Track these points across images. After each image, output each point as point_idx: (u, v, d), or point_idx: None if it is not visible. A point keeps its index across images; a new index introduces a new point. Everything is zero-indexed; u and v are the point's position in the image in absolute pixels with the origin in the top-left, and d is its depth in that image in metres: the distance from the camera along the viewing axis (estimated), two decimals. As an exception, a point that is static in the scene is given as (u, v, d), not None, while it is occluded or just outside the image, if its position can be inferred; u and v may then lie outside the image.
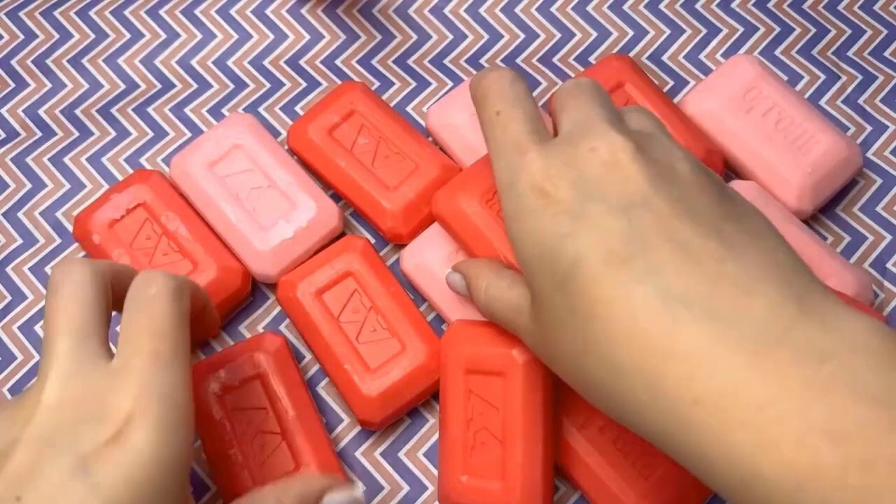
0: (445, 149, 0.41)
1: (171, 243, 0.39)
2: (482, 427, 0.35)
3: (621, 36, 0.45)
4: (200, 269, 0.38)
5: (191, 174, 0.40)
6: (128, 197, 0.40)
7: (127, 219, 0.39)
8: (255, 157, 0.40)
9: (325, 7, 0.46)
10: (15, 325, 0.40)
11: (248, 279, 0.39)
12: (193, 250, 0.39)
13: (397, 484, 0.37)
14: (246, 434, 0.36)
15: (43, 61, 0.45)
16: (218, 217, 0.40)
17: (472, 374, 0.35)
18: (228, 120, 0.41)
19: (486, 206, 0.36)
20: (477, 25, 0.46)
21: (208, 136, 0.41)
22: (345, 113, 0.41)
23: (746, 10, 0.46)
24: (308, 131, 0.41)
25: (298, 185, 0.40)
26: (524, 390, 0.34)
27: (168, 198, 0.40)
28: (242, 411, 0.36)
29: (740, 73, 0.41)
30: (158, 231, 0.39)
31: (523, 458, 0.34)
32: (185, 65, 0.45)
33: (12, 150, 0.43)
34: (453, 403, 0.35)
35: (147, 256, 0.39)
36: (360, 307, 0.38)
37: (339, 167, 0.40)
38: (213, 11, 0.46)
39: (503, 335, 0.34)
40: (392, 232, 0.40)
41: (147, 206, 0.40)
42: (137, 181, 0.40)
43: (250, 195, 0.40)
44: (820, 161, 0.40)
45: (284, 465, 0.35)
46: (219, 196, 0.40)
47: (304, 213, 0.39)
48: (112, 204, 0.40)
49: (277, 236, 0.39)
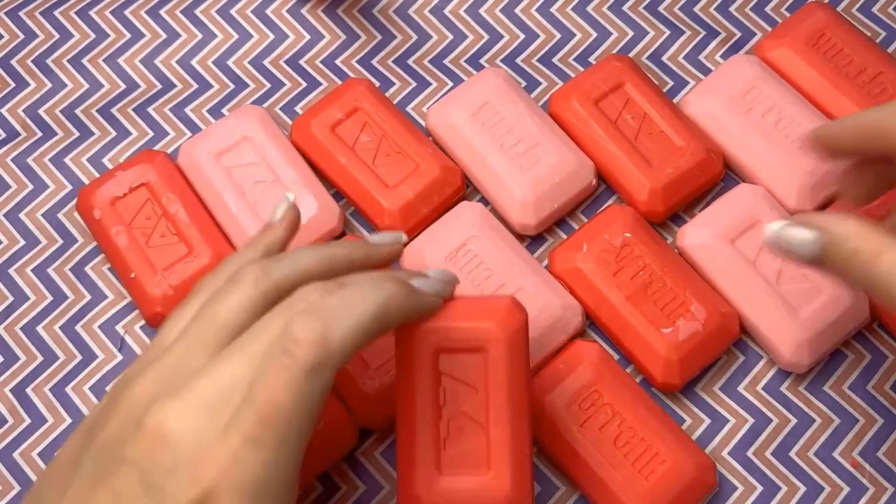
0: (445, 149, 0.42)
1: (169, 225, 0.39)
2: (458, 412, 0.31)
3: (621, 36, 0.45)
4: (195, 255, 0.39)
5: (198, 162, 0.40)
6: (132, 175, 0.40)
7: (129, 197, 0.40)
8: (262, 150, 0.40)
9: (325, 7, 0.46)
10: (17, 326, 0.40)
11: None
12: (190, 235, 0.39)
13: (398, 484, 0.38)
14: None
15: (43, 61, 0.45)
16: (219, 207, 0.40)
17: (442, 354, 0.31)
18: (240, 111, 0.41)
19: None
20: (477, 25, 0.46)
21: (219, 125, 0.41)
22: (349, 110, 0.41)
23: (744, 13, 0.46)
24: (311, 127, 0.41)
25: (303, 182, 0.40)
26: (509, 366, 0.31)
27: (171, 180, 0.40)
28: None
29: (740, 74, 0.42)
30: (158, 212, 0.40)
31: (512, 442, 0.31)
32: (185, 65, 0.45)
33: (13, 150, 0.43)
34: (420, 390, 0.31)
35: (144, 236, 0.39)
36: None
37: (340, 163, 0.40)
38: (213, 11, 0.46)
39: (475, 306, 0.32)
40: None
41: (150, 187, 0.40)
42: (143, 161, 0.40)
43: (254, 188, 0.40)
44: (819, 161, 0.40)
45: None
46: (223, 186, 0.40)
47: (305, 211, 0.39)
48: (116, 181, 0.40)
49: None
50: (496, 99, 0.41)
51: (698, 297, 0.38)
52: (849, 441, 0.38)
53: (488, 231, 0.39)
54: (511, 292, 0.38)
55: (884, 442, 0.38)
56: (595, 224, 0.39)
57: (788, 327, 0.37)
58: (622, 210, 0.40)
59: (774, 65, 0.43)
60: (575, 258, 0.39)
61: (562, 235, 0.41)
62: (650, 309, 0.37)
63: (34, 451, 0.38)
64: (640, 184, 0.40)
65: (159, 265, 0.39)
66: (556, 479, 0.37)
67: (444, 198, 0.40)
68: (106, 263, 0.41)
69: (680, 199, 0.40)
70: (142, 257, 0.39)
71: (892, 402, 0.39)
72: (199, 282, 0.31)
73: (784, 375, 0.39)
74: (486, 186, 0.40)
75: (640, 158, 0.40)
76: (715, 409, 0.38)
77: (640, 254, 0.38)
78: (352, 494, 0.37)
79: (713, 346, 0.37)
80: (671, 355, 0.37)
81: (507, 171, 0.40)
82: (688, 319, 0.37)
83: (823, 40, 0.42)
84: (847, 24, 0.43)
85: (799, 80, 0.42)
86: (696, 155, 0.40)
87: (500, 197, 0.40)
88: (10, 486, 0.37)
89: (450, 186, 0.40)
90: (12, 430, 0.38)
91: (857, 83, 0.41)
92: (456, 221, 0.39)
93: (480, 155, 0.40)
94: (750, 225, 0.39)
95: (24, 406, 0.39)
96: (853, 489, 0.37)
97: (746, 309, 0.38)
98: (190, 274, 0.38)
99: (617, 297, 0.38)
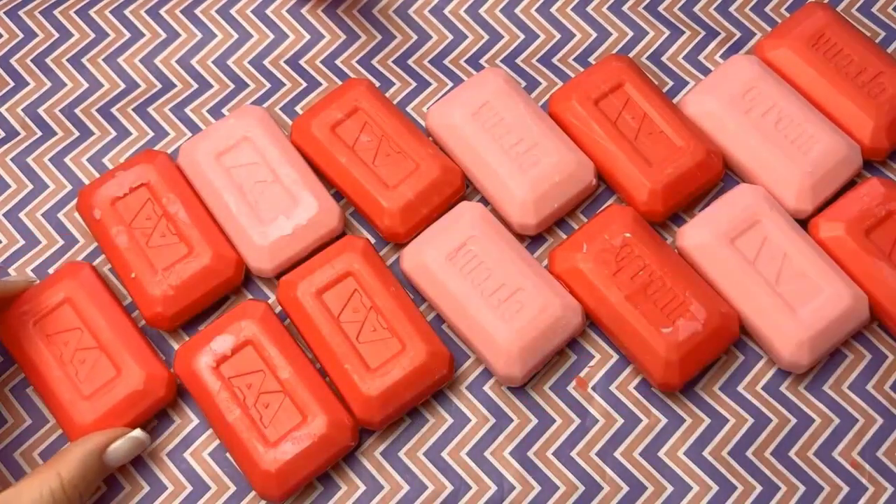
0: (445, 149, 0.42)
1: (169, 225, 0.39)
2: (372, 329, 0.37)
3: (621, 36, 0.45)
4: (195, 255, 0.39)
5: (198, 162, 0.40)
6: (132, 175, 0.40)
7: (129, 197, 0.40)
8: (262, 150, 0.40)
9: (325, 7, 0.46)
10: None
11: (241, 269, 0.40)
12: (190, 235, 0.39)
13: (397, 484, 0.38)
14: (248, 398, 0.37)
15: (43, 60, 0.45)
16: (220, 206, 0.40)
17: (325, 293, 0.38)
18: (240, 111, 0.41)
19: None
20: (477, 25, 0.46)
21: (219, 125, 0.41)
22: (349, 110, 0.41)
23: (744, 13, 0.46)
24: (311, 127, 0.41)
25: (303, 182, 0.40)
26: (373, 267, 0.38)
27: (172, 180, 0.40)
28: (240, 378, 0.37)
29: (740, 74, 0.42)
30: (159, 212, 0.39)
31: (412, 324, 0.37)
32: (185, 65, 0.45)
33: (12, 149, 0.43)
34: (329, 328, 0.37)
35: (145, 237, 0.39)
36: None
37: (340, 163, 0.40)
38: (213, 11, 0.46)
39: (323, 258, 0.38)
40: (389, 231, 0.40)
41: (150, 187, 0.40)
42: (144, 161, 0.40)
43: (254, 188, 0.40)
44: (819, 161, 0.40)
45: (292, 420, 0.36)
46: (223, 186, 0.40)
47: (304, 211, 0.39)
48: (116, 181, 0.40)
49: (276, 232, 0.39)
50: (496, 99, 0.41)
51: (698, 297, 0.38)
52: (848, 441, 0.38)
53: (488, 231, 0.39)
54: (511, 292, 0.38)
55: (883, 442, 0.38)
56: (595, 224, 0.39)
57: (788, 327, 0.37)
58: (622, 210, 0.40)
59: (774, 65, 0.43)
60: (575, 258, 0.39)
61: (562, 235, 0.41)
62: (650, 309, 0.37)
63: (35, 452, 0.38)
64: (639, 184, 0.40)
65: (159, 265, 0.39)
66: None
67: (444, 198, 0.40)
68: (107, 264, 0.41)
69: (680, 199, 0.40)
70: (142, 257, 0.39)
71: (892, 402, 0.39)
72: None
73: (784, 375, 0.39)
74: (486, 186, 0.40)
75: (640, 158, 0.40)
76: (715, 409, 0.38)
77: (640, 254, 0.38)
78: (352, 494, 0.37)
79: (713, 346, 0.38)
80: (671, 355, 0.37)
81: (506, 171, 0.40)
82: (687, 319, 0.37)
83: (823, 40, 0.42)
84: (847, 24, 0.43)
85: (799, 80, 0.42)
86: (696, 155, 0.40)
87: (500, 197, 0.40)
88: (10, 486, 0.37)
89: (450, 186, 0.40)
90: (12, 429, 0.38)
91: (856, 83, 0.41)
92: (456, 221, 0.39)
93: (480, 155, 0.40)
94: (750, 225, 0.39)
95: (25, 406, 0.39)
96: (853, 489, 0.37)
97: (746, 309, 0.38)
98: (190, 274, 0.38)
99: (617, 297, 0.38)
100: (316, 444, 0.36)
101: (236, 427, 0.36)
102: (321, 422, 0.36)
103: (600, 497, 0.37)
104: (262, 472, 0.35)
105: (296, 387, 0.36)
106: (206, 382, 0.36)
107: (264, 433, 0.36)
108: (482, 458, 0.38)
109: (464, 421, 0.38)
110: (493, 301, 0.37)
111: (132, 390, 0.37)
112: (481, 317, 0.37)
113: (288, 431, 0.36)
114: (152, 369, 0.37)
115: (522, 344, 0.37)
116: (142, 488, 0.38)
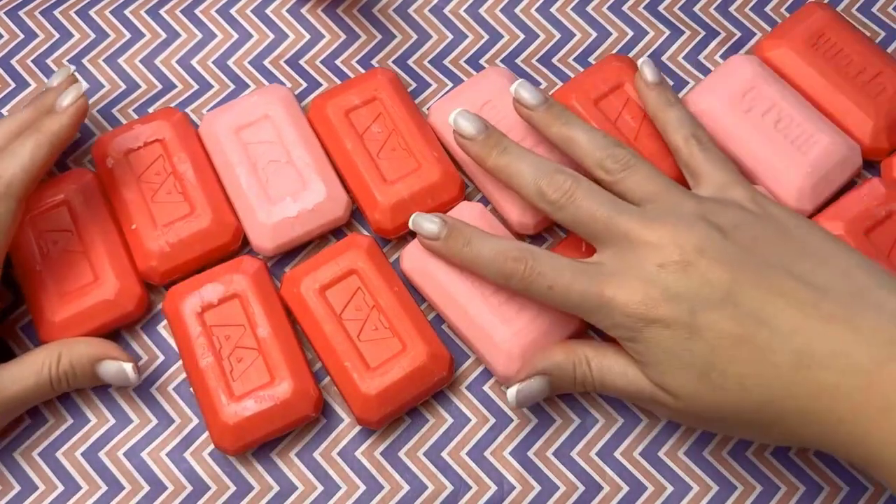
0: (446, 147, 0.42)
1: (176, 184, 0.40)
2: (374, 328, 0.37)
3: (621, 36, 0.45)
4: (196, 215, 0.39)
5: (217, 133, 0.41)
6: (149, 130, 0.41)
7: (143, 150, 0.41)
8: (280, 130, 0.41)
9: (325, 7, 0.46)
10: (18, 326, 0.40)
11: (239, 236, 0.40)
12: (195, 196, 0.40)
13: (397, 484, 0.38)
14: (224, 349, 0.37)
15: (43, 61, 0.45)
16: (230, 178, 0.40)
17: (328, 290, 0.38)
18: (266, 89, 0.42)
19: None
20: (477, 25, 0.46)
21: (243, 100, 0.42)
22: (366, 98, 0.41)
23: (744, 13, 0.46)
24: (327, 107, 0.41)
25: (315, 167, 0.40)
26: (377, 266, 0.38)
27: (186, 141, 0.41)
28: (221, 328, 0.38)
29: (740, 74, 0.42)
30: (168, 169, 0.40)
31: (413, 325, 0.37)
32: (185, 65, 0.45)
33: (13, 150, 0.43)
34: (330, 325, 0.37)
35: (151, 191, 0.40)
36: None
37: (345, 148, 0.40)
38: (213, 11, 0.46)
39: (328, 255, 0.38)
40: (377, 225, 0.40)
41: (164, 143, 0.41)
42: (162, 118, 0.41)
43: (267, 167, 0.40)
44: (819, 161, 0.40)
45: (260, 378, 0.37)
46: (237, 160, 0.40)
47: (312, 196, 0.39)
48: (133, 133, 0.41)
49: (281, 212, 0.39)
50: (498, 98, 0.41)
51: None
52: (848, 441, 0.38)
53: (488, 230, 0.39)
54: (511, 292, 0.38)
55: (883, 442, 0.38)
56: None
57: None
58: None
59: (774, 65, 0.43)
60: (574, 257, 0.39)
61: (561, 235, 0.41)
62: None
63: (34, 451, 0.38)
64: (639, 184, 0.40)
65: (161, 221, 0.39)
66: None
67: (439, 203, 0.40)
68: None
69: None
70: (144, 210, 0.39)
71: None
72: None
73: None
74: (486, 186, 0.41)
75: (639, 158, 0.40)
76: (715, 409, 0.39)
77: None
78: (352, 494, 0.37)
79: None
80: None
81: (506, 171, 0.40)
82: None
83: (823, 40, 0.42)
84: (847, 24, 0.43)
85: (799, 80, 0.42)
86: (695, 155, 0.40)
87: (500, 196, 0.40)
88: (11, 486, 0.37)
89: (447, 193, 0.40)
90: (12, 429, 0.38)
91: (856, 83, 0.41)
92: (456, 221, 0.39)
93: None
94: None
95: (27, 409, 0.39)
96: (852, 489, 0.37)
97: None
98: (188, 234, 0.39)
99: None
100: (278, 406, 0.36)
101: (206, 374, 0.37)
102: (287, 386, 0.36)
103: (600, 497, 0.37)
104: (220, 423, 0.36)
105: (271, 348, 0.37)
106: (188, 325, 0.37)
107: (231, 386, 0.36)
108: (482, 458, 0.38)
109: (464, 421, 0.39)
110: (493, 301, 0.38)
111: (102, 299, 0.38)
112: (481, 317, 0.37)
113: (253, 389, 0.36)
114: (127, 283, 0.38)
115: (522, 344, 0.37)
116: (107, 421, 0.38)
